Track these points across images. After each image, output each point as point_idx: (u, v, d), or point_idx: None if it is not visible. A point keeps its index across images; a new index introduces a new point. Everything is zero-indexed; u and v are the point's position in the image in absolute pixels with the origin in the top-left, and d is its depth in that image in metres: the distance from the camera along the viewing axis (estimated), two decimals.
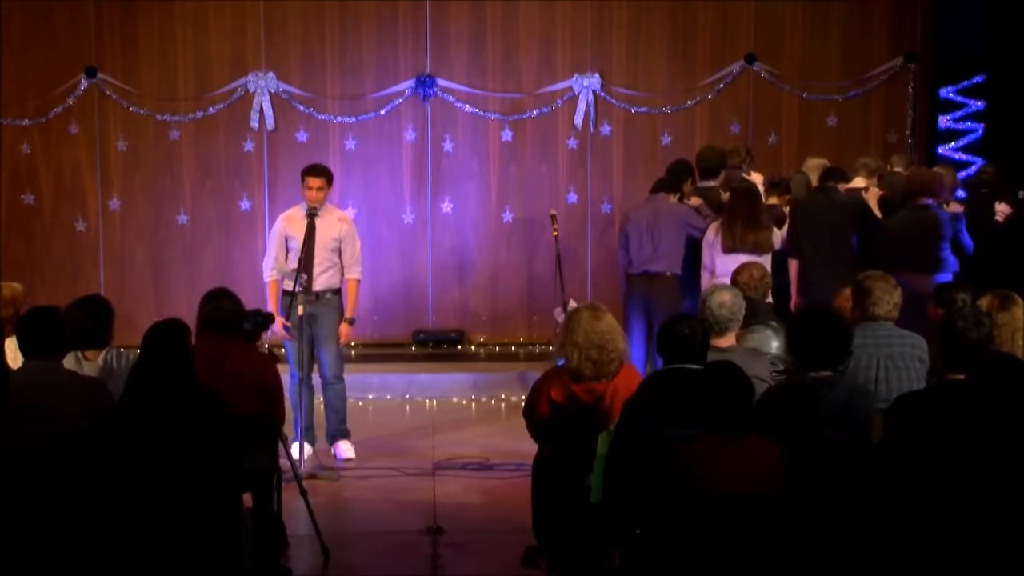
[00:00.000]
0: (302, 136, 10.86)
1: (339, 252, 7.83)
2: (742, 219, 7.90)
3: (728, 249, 7.86)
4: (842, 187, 8.40)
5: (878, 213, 8.42)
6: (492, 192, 11.05)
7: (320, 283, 7.75)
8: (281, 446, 5.96)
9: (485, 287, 11.08)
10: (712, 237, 8.03)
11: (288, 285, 7.66)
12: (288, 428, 6.85)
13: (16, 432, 4.65)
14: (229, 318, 5.94)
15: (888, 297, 5.73)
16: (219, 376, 5.56)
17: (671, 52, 11.04)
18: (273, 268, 7.89)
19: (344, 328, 7.83)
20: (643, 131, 11.06)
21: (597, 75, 10.92)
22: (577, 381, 5.47)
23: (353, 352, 9.87)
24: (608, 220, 10.90)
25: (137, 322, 6.21)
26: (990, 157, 10.32)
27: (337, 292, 7.86)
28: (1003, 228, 8.84)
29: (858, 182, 8.97)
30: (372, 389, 9.66)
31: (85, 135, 10.79)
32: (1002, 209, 8.91)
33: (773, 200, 8.82)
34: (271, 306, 7.70)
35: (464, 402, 9.68)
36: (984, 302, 5.68)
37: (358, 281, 7.97)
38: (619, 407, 5.20)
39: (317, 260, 7.74)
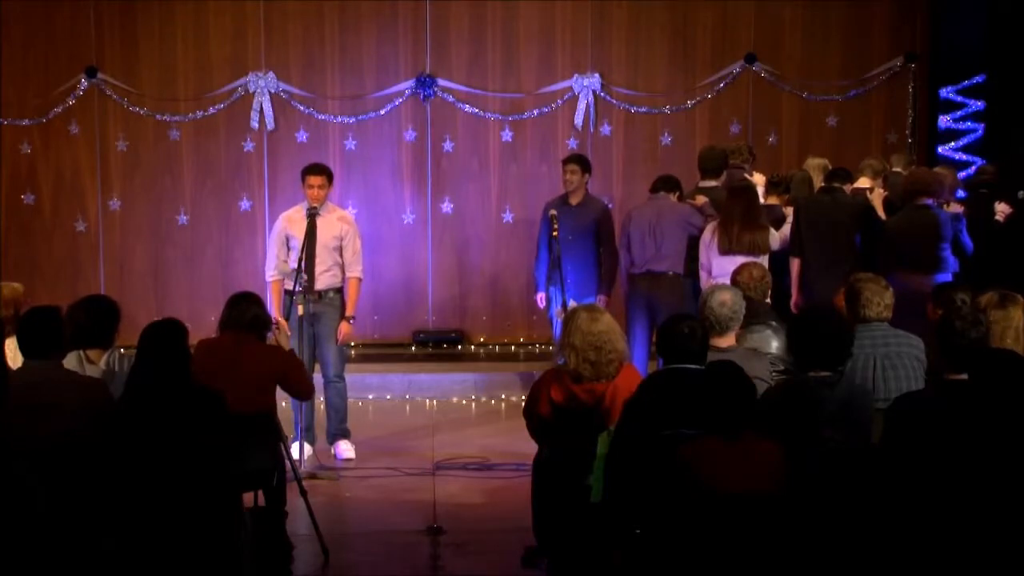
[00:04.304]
0: (302, 136, 10.86)
1: (340, 251, 7.85)
2: (739, 220, 7.88)
3: (724, 250, 7.85)
4: (847, 187, 8.40)
5: (882, 214, 8.42)
6: (492, 192, 11.05)
7: (322, 282, 7.76)
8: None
9: (485, 287, 11.08)
10: (709, 237, 8.02)
11: (289, 285, 7.67)
12: (288, 428, 6.86)
13: (16, 432, 4.64)
14: (251, 322, 6.04)
15: (878, 298, 5.73)
16: (235, 372, 5.72)
17: (671, 52, 11.05)
18: (274, 268, 7.91)
19: (344, 326, 7.84)
20: (643, 131, 11.06)
21: (597, 75, 10.92)
22: (577, 381, 5.47)
23: (353, 352, 9.87)
24: None
25: (137, 322, 6.20)
26: (990, 157, 10.32)
27: (339, 291, 7.88)
28: (1003, 228, 8.84)
29: (863, 182, 8.98)
30: (372, 389, 9.67)
31: (85, 135, 10.79)
32: (1002, 209, 8.91)
33: (773, 200, 8.82)
34: (273, 306, 7.69)
35: (464, 402, 9.68)
36: (984, 298, 5.69)
37: (359, 279, 7.99)
38: (619, 407, 5.20)
39: (319, 259, 7.75)
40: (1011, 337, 5.54)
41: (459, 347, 10.94)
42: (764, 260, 7.72)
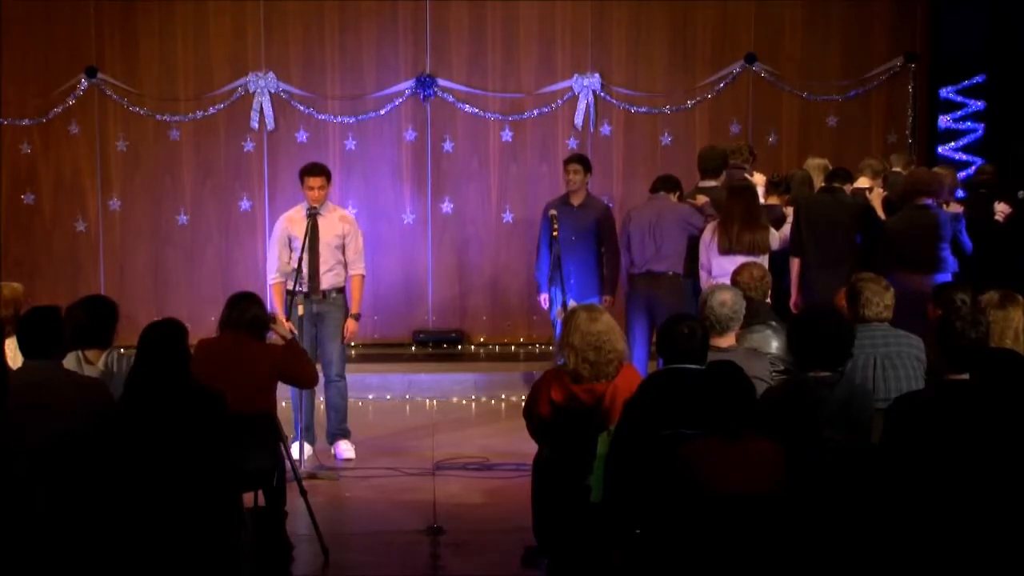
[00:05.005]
0: (302, 136, 10.86)
1: (343, 249, 7.85)
2: (739, 219, 7.88)
3: (724, 250, 7.85)
4: (847, 188, 8.40)
5: (882, 214, 8.42)
6: (492, 192, 11.05)
7: (326, 282, 7.77)
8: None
9: (485, 287, 11.08)
10: (709, 237, 8.02)
11: (290, 285, 7.67)
12: (288, 428, 6.86)
13: (16, 432, 4.65)
14: (251, 322, 6.05)
15: (878, 299, 5.73)
16: (235, 372, 5.73)
17: (671, 52, 11.05)
18: (276, 271, 7.89)
19: (351, 324, 7.86)
20: (643, 131, 11.06)
21: (597, 75, 10.92)
22: (577, 382, 5.47)
23: (353, 352, 9.87)
24: None
25: (137, 322, 6.22)
26: (990, 157, 10.32)
27: (341, 291, 7.89)
28: (1003, 228, 8.85)
29: (863, 182, 8.98)
30: (372, 389, 9.67)
31: (85, 135, 10.79)
32: (1002, 209, 8.92)
33: (773, 200, 8.82)
34: (277, 309, 7.69)
35: (464, 402, 9.68)
36: (986, 298, 5.70)
37: (362, 277, 8.01)
38: (619, 407, 5.20)
39: (322, 259, 7.75)
40: (1011, 337, 5.55)
41: (459, 347, 10.94)
42: (764, 260, 7.72)
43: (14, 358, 5.36)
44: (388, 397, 9.72)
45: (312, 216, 7.76)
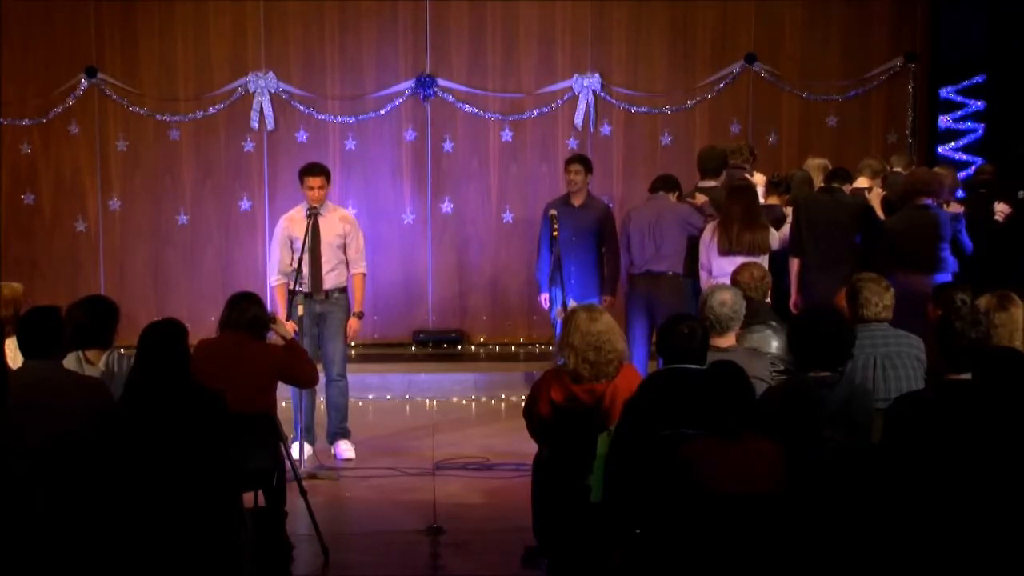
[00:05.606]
0: (302, 136, 10.86)
1: (344, 249, 7.86)
2: (739, 219, 7.87)
3: (724, 250, 7.84)
4: (847, 188, 8.40)
5: (881, 214, 8.42)
6: (492, 192, 11.06)
7: (328, 282, 7.78)
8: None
9: (485, 287, 11.09)
10: (709, 237, 8.02)
11: (292, 285, 7.65)
12: (288, 428, 6.86)
13: (16, 432, 4.65)
14: (251, 322, 6.07)
15: (877, 299, 5.73)
16: (235, 372, 5.74)
17: (671, 52, 11.05)
18: (278, 272, 7.88)
19: (353, 322, 7.87)
20: (643, 131, 11.07)
21: (597, 75, 10.92)
22: (577, 382, 5.47)
23: (353, 352, 9.87)
24: None
25: (137, 322, 6.23)
26: (990, 157, 10.32)
27: (344, 290, 7.90)
28: (1003, 228, 8.84)
29: (862, 182, 8.97)
30: (372, 389, 9.67)
31: (85, 135, 10.79)
32: (1001, 209, 8.92)
33: (773, 200, 8.82)
34: (279, 310, 7.68)
35: (464, 402, 9.69)
36: (983, 301, 5.70)
37: (364, 275, 8.02)
38: (619, 407, 5.20)
39: (324, 259, 7.76)
40: (1019, 339, 5.54)
41: (459, 347, 10.94)
42: (764, 260, 7.72)
43: (14, 358, 5.36)
44: (388, 397, 9.72)
45: (313, 216, 7.76)
